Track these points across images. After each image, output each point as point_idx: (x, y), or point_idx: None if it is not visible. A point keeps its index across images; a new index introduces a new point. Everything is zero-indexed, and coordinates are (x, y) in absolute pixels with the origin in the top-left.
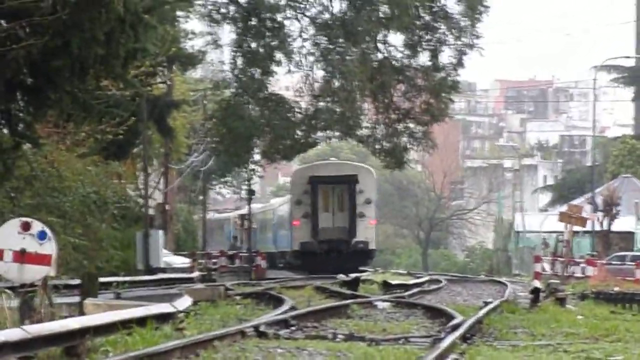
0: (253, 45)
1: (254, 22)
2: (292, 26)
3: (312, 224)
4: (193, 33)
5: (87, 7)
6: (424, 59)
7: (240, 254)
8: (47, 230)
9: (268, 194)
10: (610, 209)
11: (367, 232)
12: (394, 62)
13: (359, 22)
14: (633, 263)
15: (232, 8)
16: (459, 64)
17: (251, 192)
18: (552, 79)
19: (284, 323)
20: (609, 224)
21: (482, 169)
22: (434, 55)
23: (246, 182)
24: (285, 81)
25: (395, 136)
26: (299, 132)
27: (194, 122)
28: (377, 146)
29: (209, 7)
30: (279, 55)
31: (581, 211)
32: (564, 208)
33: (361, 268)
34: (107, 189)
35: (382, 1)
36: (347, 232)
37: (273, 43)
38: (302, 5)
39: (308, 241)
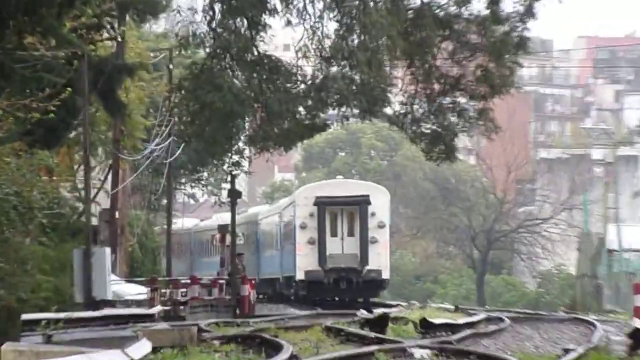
0: None
1: None
2: None
3: (319, 251)
4: None
5: None
6: (479, 6)
7: (220, 282)
8: None
9: (259, 197)
10: None
11: (379, 259)
12: (436, 11)
13: None
14: None
15: None
16: (529, 13)
17: (235, 194)
18: None
19: None
20: None
21: (562, 161)
22: (494, 1)
23: (227, 180)
24: (284, 38)
25: (441, 114)
26: (302, 110)
27: (156, 95)
28: (415, 129)
29: None
30: (273, 1)
31: None
32: None
33: (373, 300)
34: (32, 189)
35: None
36: (358, 260)
37: None
38: None
39: (314, 269)
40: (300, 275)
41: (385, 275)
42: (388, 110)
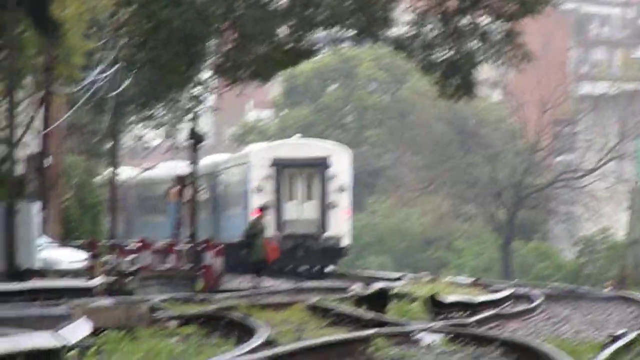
0: None
1: None
2: None
3: (276, 216)
4: None
5: None
6: None
7: (178, 247)
8: None
9: (228, 140)
10: None
11: (339, 225)
12: None
13: None
14: None
15: None
16: None
17: (197, 137)
18: None
19: None
20: None
21: (610, 98)
22: None
23: (189, 119)
24: None
25: (459, 38)
26: (283, 31)
27: (99, 10)
28: (426, 56)
29: None
30: None
31: None
32: None
33: (330, 268)
34: None
35: None
36: (317, 226)
37: None
38: None
39: (270, 236)
40: None
41: (346, 242)
42: (392, 32)
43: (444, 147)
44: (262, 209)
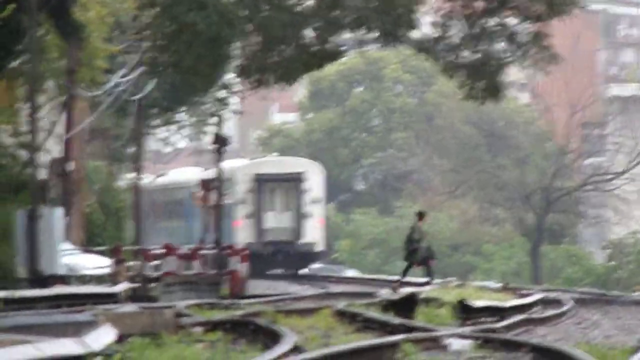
0: None
1: None
2: None
3: (257, 225)
4: None
5: None
6: None
7: (203, 252)
8: None
9: (253, 142)
10: None
11: (314, 232)
12: None
13: None
14: None
15: None
16: None
17: (222, 140)
18: None
19: None
20: None
21: (639, 100)
22: None
23: (214, 123)
24: None
25: (485, 39)
26: (308, 33)
27: (122, 13)
28: (451, 58)
29: None
30: None
31: None
32: None
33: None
34: None
35: None
36: (294, 233)
37: None
38: None
39: (253, 242)
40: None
41: (320, 247)
42: (416, 34)
43: (471, 150)
44: (421, 215)
